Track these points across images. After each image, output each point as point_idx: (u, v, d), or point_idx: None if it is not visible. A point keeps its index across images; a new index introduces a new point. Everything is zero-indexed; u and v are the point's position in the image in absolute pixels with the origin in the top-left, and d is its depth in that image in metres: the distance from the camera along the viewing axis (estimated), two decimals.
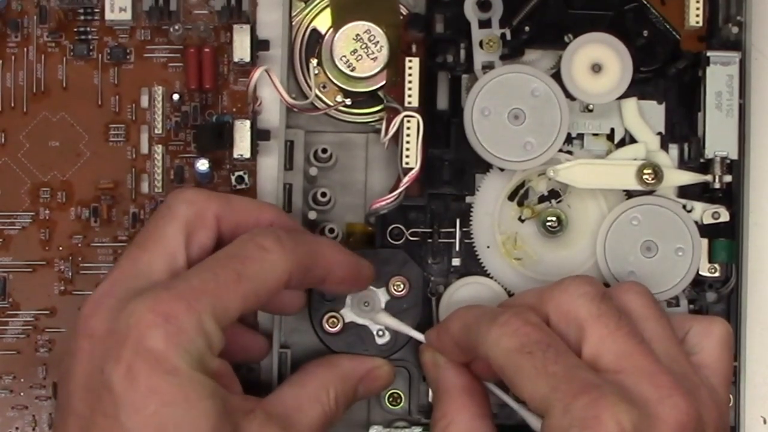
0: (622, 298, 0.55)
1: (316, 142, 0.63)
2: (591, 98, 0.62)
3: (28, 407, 0.64)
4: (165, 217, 0.56)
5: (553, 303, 0.55)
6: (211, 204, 0.56)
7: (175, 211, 0.56)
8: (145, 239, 0.55)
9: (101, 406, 0.50)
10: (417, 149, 0.61)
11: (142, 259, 0.54)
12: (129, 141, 0.64)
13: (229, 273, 0.53)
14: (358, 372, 0.59)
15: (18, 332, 0.64)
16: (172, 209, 0.56)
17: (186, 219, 0.55)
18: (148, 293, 0.52)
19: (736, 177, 0.62)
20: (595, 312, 0.53)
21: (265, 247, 0.54)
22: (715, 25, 0.63)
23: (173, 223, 0.55)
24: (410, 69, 0.61)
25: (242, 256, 0.54)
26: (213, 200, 0.56)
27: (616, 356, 0.52)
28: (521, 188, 0.63)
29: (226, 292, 0.52)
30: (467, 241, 0.63)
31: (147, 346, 0.50)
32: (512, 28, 0.62)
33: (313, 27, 0.64)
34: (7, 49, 0.64)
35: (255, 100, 0.63)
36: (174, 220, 0.55)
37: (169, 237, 0.55)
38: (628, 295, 0.55)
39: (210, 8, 0.65)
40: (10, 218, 0.64)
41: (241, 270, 0.53)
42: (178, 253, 0.55)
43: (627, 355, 0.52)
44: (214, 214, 0.56)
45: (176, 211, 0.56)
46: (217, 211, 0.56)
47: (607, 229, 0.62)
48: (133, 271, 0.54)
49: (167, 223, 0.55)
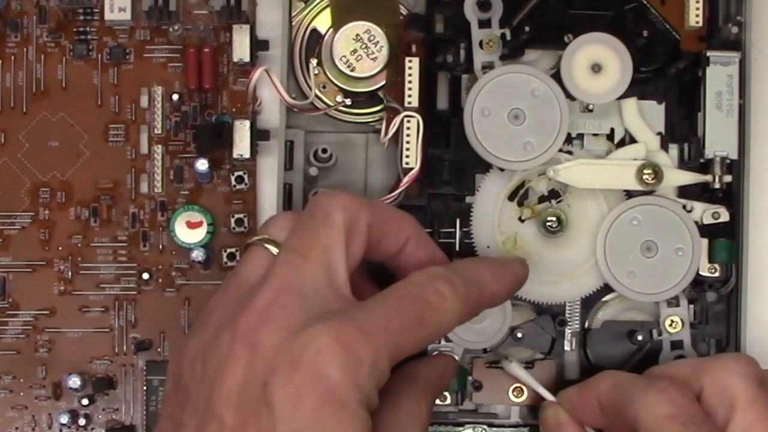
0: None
1: (316, 142, 0.63)
2: (591, 98, 0.62)
3: (28, 407, 0.64)
4: (325, 225, 0.53)
5: (709, 376, 0.55)
6: (363, 212, 0.54)
7: (334, 219, 0.53)
8: (305, 247, 0.53)
9: (257, 422, 0.49)
10: (417, 149, 0.61)
11: (305, 271, 0.52)
12: (129, 141, 0.64)
13: (411, 316, 0.52)
14: (434, 376, 0.59)
15: (18, 332, 0.64)
16: (331, 217, 0.53)
17: (344, 228, 0.53)
18: (330, 320, 0.50)
19: (736, 177, 0.62)
20: (751, 395, 0.54)
21: (443, 294, 0.53)
22: (715, 25, 0.63)
23: (333, 233, 0.53)
24: (410, 69, 0.61)
25: (423, 299, 0.52)
26: (365, 208, 0.54)
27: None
28: (521, 188, 0.63)
29: (406, 335, 0.51)
30: (467, 241, 0.63)
31: (322, 373, 0.49)
32: (512, 28, 0.62)
33: (313, 27, 0.64)
34: (6, 49, 0.64)
35: (255, 100, 0.63)
36: (334, 230, 0.53)
37: (330, 248, 0.53)
38: None
39: (209, 8, 0.65)
40: (10, 218, 0.64)
41: (422, 315, 0.52)
42: (339, 266, 0.53)
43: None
44: (366, 223, 0.54)
45: (335, 219, 0.53)
46: (369, 220, 0.54)
47: (607, 229, 0.62)
48: (297, 285, 0.52)
49: (328, 233, 0.53)
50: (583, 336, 0.63)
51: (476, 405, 0.63)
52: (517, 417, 0.63)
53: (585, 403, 0.59)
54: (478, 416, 0.63)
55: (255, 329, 0.50)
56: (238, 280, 0.54)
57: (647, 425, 0.54)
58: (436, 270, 0.54)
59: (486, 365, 0.63)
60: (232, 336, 0.51)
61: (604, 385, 0.58)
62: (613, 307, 0.63)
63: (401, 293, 0.53)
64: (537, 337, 0.62)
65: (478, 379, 0.63)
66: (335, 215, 0.53)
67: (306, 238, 0.53)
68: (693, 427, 0.53)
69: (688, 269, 0.62)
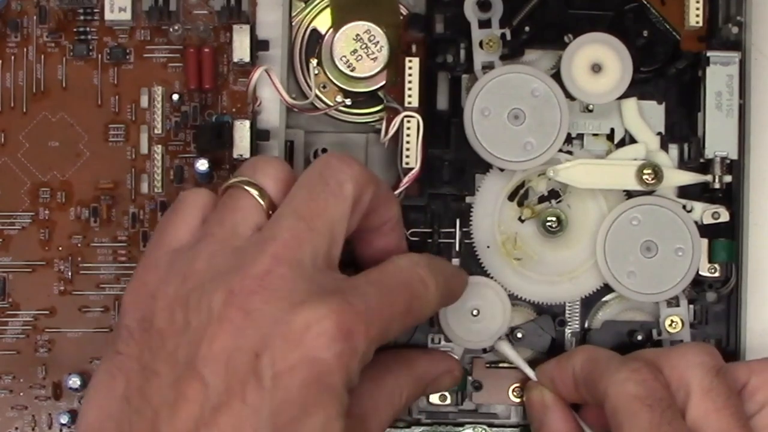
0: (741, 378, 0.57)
1: (316, 142, 0.63)
2: (591, 98, 0.62)
3: (28, 407, 0.64)
4: (336, 196, 0.52)
5: (669, 364, 0.56)
6: (370, 186, 0.53)
7: (346, 191, 0.52)
8: (313, 215, 0.51)
9: (242, 390, 0.48)
10: (417, 149, 0.61)
11: (307, 241, 0.51)
12: (129, 141, 0.64)
13: (401, 305, 0.52)
14: (432, 374, 0.59)
15: (18, 332, 0.64)
16: (343, 188, 0.52)
17: (352, 201, 0.52)
18: (331, 300, 0.49)
19: (736, 177, 0.62)
20: (707, 385, 0.55)
21: (427, 284, 0.53)
22: (715, 25, 0.63)
23: (343, 206, 0.52)
24: (410, 69, 0.61)
25: (411, 288, 0.53)
26: (372, 182, 0.53)
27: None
28: (521, 188, 0.63)
29: (395, 323, 0.51)
30: (467, 241, 0.63)
31: (318, 356, 0.48)
32: (512, 28, 0.62)
33: (313, 27, 0.64)
34: (6, 49, 0.64)
35: (255, 100, 0.63)
36: (344, 203, 0.52)
37: (336, 221, 0.52)
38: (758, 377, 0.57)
39: (210, 8, 0.65)
40: (10, 218, 0.64)
41: (409, 304, 0.52)
42: (339, 240, 0.52)
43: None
44: (369, 198, 0.53)
45: (347, 192, 0.52)
46: (371, 197, 0.54)
47: (607, 229, 0.62)
48: (298, 255, 0.50)
49: (338, 205, 0.52)
50: (583, 336, 0.63)
51: (476, 405, 0.63)
52: (517, 417, 0.63)
53: (562, 377, 0.59)
54: (478, 416, 0.63)
55: (251, 296, 0.49)
56: (227, 229, 0.52)
57: (614, 401, 0.54)
58: (419, 257, 0.54)
59: (486, 365, 0.63)
60: (225, 297, 0.49)
61: (580, 358, 0.58)
62: (613, 307, 0.63)
63: (393, 279, 0.53)
64: (537, 337, 0.62)
65: (478, 379, 0.63)
66: (347, 187, 0.52)
67: (315, 207, 0.52)
68: (659, 410, 0.53)
69: (688, 269, 0.62)
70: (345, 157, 0.54)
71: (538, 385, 0.60)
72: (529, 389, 0.61)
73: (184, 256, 0.52)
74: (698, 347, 0.57)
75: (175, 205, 0.55)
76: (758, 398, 0.57)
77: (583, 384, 0.58)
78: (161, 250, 0.53)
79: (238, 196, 0.53)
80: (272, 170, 0.54)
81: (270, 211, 0.53)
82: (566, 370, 0.58)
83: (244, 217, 0.52)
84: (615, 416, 0.54)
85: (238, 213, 0.53)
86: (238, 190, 0.53)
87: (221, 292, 0.50)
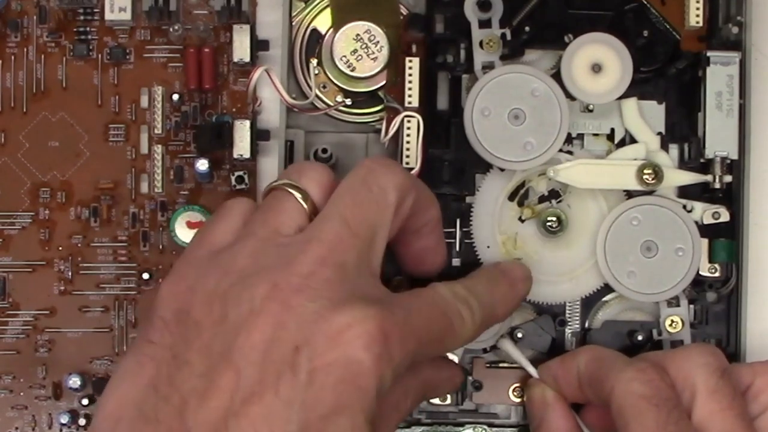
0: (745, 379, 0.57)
1: (316, 142, 0.63)
2: (591, 98, 0.62)
3: (28, 407, 0.64)
4: (379, 203, 0.52)
5: (674, 365, 0.56)
6: (412, 192, 0.53)
7: (389, 198, 0.52)
8: (356, 221, 0.51)
9: (276, 382, 0.48)
10: (417, 149, 0.61)
11: (351, 246, 0.51)
12: (129, 141, 0.64)
13: (437, 331, 0.52)
14: (437, 380, 0.59)
15: (18, 332, 0.64)
16: (386, 195, 0.52)
17: (395, 207, 0.52)
18: (374, 305, 0.49)
19: (736, 177, 0.62)
20: (712, 386, 0.55)
21: (464, 320, 0.53)
22: (715, 25, 0.63)
23: (386, 213, 0.52)
24: (410, 69, 0.61)
25: (448, 320, 0.53)
26: (413, 189, 0.54)
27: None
28: (521, 188, 0.63)
29: (428, 347, 0.52)
30: (467, 241, 0.63)
31: (357, 357, 0.48)
32: (512, 28, 0.62)
33: (313, 27, 0.64)
34: (6, 49, 0.64)
35: (255, 100, 0.63)
36: (387, 210, 0.52)
37: (379, 228, 0.52)
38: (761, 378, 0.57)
39: (210, 8, 0.65)
40: (10, 218, 0.64)
41: (444, 334, 0.52)
42: (381, 247, 0.52)
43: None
44: (411, 204, 0.54)
45: (390, 198, 0.52)
46: (413, 202, 0.54)
47: (607, 229, 0.62)
48: (341, 258, 0.50)
49: (381, 211, 0.52)
50: (583, 336, 0.63)
51: (476, 405, 0.63)
52: (517, 417, 0.63)
53: (566, 376, 0.59)
54: (478, 416, 0.63)
55: (295, 293, 0.49)
56: (270, 228, 0.52)
57: (620, 400, 0.54)
58: (460, 290, 0.54)
59: (486, 365, 0.63)
60: (268, 292, 0.49)
61: (585, 357, 0.58)
62: (613, 307, 0.63)
63: (432, 305, 0.53)
64: (537, 337, 0.62)
65: (478, 379, 0.63)
66: (391, 194, 0.52)
67: (358, 212, 0.52)
68: (665, 410, 0.54)
69: (688, 269, 0.62)
70: (388, 162, 0.54)
71: (540, 383, 0.60)
72: (531, 386, 0.61)
73: (225, 253, 0.52)
74: (703, 348, 0.57)
75: (218, 210, 0.55)
76: (762, 399, 0.57)
77: (587, 383, 0.58)
78: (202, 249, 0.53)
79: (281, 198, 0.53)
80: (316, 175, 0.54)
81: (312, 215, 0.53)
82: (570, 368, 0.59)
83: (287, 218, 0.53)
84: (621, 415, 0.54)
85: (281, 214, 0.53)
86: (282, 192, 0.53)
87: (264, 286, 0.49)
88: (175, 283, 0.52)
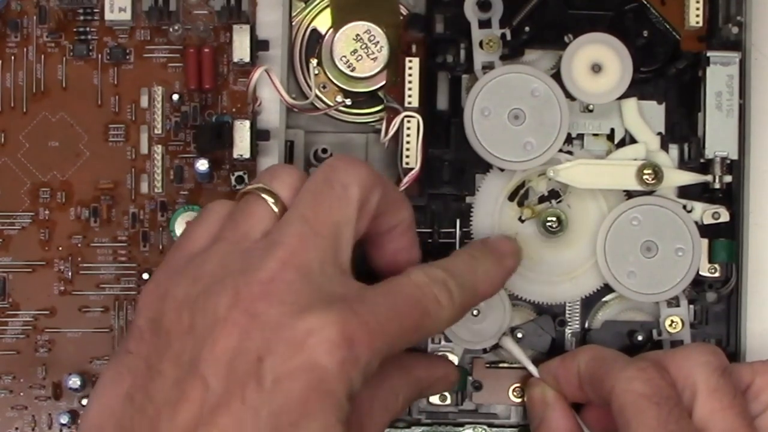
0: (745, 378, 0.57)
1: (316, 142, 0.63)
2: (591, 98, 0.62)
3: (28, 407, 0.64)
4: (341, 199, 0.52)
5: (674, 364, 0.56)
6: (377, 189, 0.53)
7: (351, 194, 0.52)
8: (318, 220, 0.51)
9: (242, 392, 0.48)
10: (417, 149, 0.61)
11: (314, 246, 0.51)
12: (129, 141, 0.64)
13: (410, 322, 0.51)
14: (430, 379, 0.59)
15: (18, 332, 0.64)
16: (348, 191, 0.52)
17: (358, 204, 0.52)
18: (336, 307, 0.49)
19: (736, 177, 0.62)
20: (713, 384, 0.55)
21: (441, 303, 0.53)
22: (715, 25, 0.63)
23: (348, 210, 0.52)
24: (410, 69, 0.61)
25: (422, 305, 0.52)
26: (378, 185, 0.53)
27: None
28: (521, 188, 0.63)
29: (401, 339, 0.51)
30: (467, 241, 0.63)
31: (320, 363, 0.48)
32: (512, 28, 0.62)
33: (313, 27, 0.64)
34: (6, 49, 0.64)
35: (255, 100, 0.63)
36: (350, 206, 0.52)
37: (343, 225, 0.51)
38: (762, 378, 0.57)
39: (210, 8, 0.65)
40: (10, 218, 0.64)
41: (419, 322, 0.52)
42: (347, 244, 0.52)
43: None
44: (377, 201, 0.53)
45: (352, 195, 0.52)
46: (378, 199, 0.53)
47: (607, 229, 0.62)
48: (304, 260, 0.50)
49: (343, 208, 0.52)
50: (583, 336, 0.63)
51: (476, 405, 0.63)
52: (517, 417, 0.63)
53: (566, 375, 0.59)
54: (478, 416, 0.63)
55: (256, 300, 0.49)
56: (240, 232, 0.52)
57: (621, 399, 0.54)
58: (436, 273, 0.54)
59: (486, 365, 0.63)
60: (231, 300, 0.49)
61: (586, 356, 0.58)
62: (613, 307, 0.63)
63: (403, 295, 0.52)
64: (537, 337, 0.62)
65: (478, 379, 0.63)
66: (353, 190, 0.52)
67: (320, 211, 0.52)
68: (666, 408, 0.54)
69: (688, 269, 0.62)
70: (350, 159, 0.54)
71: (540, 383, 0.60)
72: (531, 386, 0.61)
73: (198, 258, 0.52)
74: (703, 347, 0.57)
75: (199, 213, 0.55)
76: (763, 399, 0.57)
77: (588, 382, 0.58)
78: (178, 254, 0.54)
79: (252, 202, 0.53)
80: (288, 177, 0.54)
81: None
82: (571, 368, 0.59)
83: (256, 222, 0.52)
84: (622, 414, 0.54)
85: (251, 218, 0.53)
86: (253, 196, 0.53)
87: (227, 295, 0.50)
88: (151, 291, 0.53)
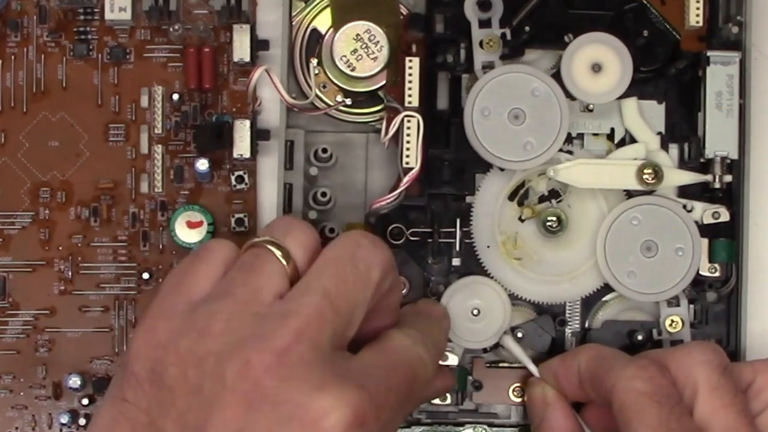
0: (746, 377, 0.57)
1: (316, 142, 0.63)
2: (591, 98, 0.62)
3: (28, 407, 0.64)
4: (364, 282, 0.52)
5: (675, 363, 0.56)
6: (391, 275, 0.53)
7: (373, 278, 0.52)
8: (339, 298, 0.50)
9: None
10: (417, 149, 0.61)
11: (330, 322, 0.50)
12: (129, 141, 0.64)
13: (403, 392, 0.52)
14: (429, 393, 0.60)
15: (18, 332, 0.64)
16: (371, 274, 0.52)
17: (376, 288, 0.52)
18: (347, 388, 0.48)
19: (736, 177, 0.62)
20: (714, 383, 0.55)
21: (426, 364, 0.53)
22: (715, 25, 0.63)
23: (368, 292, 0.52)
24: (410, 69, 0.61)
25: (412, 368, 0.52)
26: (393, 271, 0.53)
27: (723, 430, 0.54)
28: (521, 188, 0.63)
29: (397, 413, 0.51)
30: (467, 241, 0.63)
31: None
32: (512, 27, 0.62)
33: (313, 27, 0.64)
34: (6, 49, 0.64)
35: (255, 100, 0.63)
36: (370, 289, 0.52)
37: (359, 305, 0.51)
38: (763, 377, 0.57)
39: (210, 8, 0.65)
40: (10, 218, 0.64)
41: (411, 386, 0.52)
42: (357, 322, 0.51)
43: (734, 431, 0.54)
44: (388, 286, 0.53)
45: (374, 278, 0.52)
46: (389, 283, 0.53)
47: (607, 229, 0.62)
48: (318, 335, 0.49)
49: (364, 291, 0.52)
50: (583, 336, 0.63)
51: (476, 405, 0.63)
52: (517, 417, 0.63)
53: (566, 374, 0.59)
54: (478, 416, 0.63)
55: (267, 371, 0.48)
56: (250, 290, 0.51)
57: (622, 398, 0.55)
58: (414, 335, 0.54)
59: (486, 365, 0.63)
60: (240, 368, 0.48)
61: (586, 355, 0.59)
62: (613, 307, 0.63)
63: (398, 365, 0.52)
64: (537, 337, 0.62)
65: (478, 379, 0.63)
66: (375, 272, 0.52)
67: (343, 288, 0.51)
68: (667, 407, 0.54)
69: (688, 269, 0.62)
70: (375, 239, 0.53)
71: (540, 382, 0.60)
72: (531, 385, 0.61)
73: (201, 310, 0.51)
74: (704, 345, 0.57)
75: (197, 252, 0.54)
76: (763, 397, 0.57)
77: (588, 381, 0.58)
78: (178, 298, 0.52)
79: (263, 257, 0.52)
80: (302, 235, 0.53)
81: (293, 278, 0.52)
82: (571, 367, 0.59)
83: (267, 281, 0.51)
84: (623, 413, 0.54)
85: (261, 276, 0.51)
86: (264, 250, 0.52)
87: (237, 362, 0.48)
88: (147, 336, 0.51)
